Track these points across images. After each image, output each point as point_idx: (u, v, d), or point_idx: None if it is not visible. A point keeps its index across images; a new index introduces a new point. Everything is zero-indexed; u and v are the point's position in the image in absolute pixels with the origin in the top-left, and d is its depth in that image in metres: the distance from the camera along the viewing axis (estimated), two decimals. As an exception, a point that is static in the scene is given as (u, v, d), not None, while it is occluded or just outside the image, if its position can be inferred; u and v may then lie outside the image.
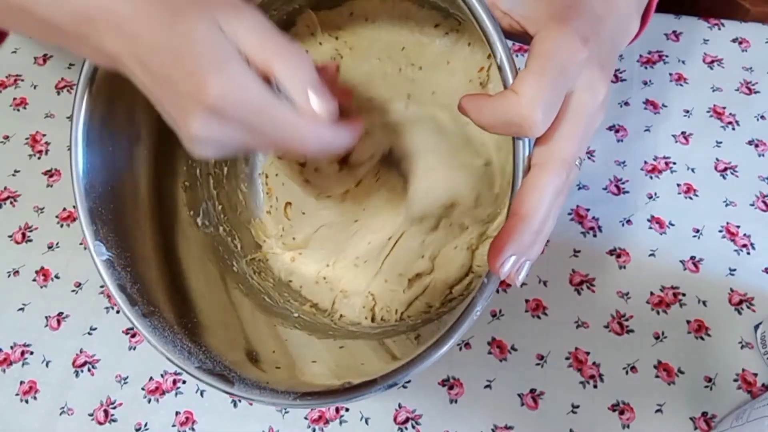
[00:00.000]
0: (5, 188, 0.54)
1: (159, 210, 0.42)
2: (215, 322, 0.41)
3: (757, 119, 0.55)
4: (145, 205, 0.41)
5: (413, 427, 0.44)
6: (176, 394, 0.46)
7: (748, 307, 0.47)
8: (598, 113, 0.30)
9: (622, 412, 0.44)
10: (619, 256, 0.50)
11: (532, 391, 0.45)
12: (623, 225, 0.51)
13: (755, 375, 0.45)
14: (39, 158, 0.56)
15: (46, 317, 0.49)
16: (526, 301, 0.48)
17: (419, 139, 0.43)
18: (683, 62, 0.58)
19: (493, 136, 0.42)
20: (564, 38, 0.28)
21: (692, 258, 0.49)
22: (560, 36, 0.28)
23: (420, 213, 0.44)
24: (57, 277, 0.50)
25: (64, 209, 0.53)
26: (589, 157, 0.54)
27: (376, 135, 0.44)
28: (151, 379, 0.46)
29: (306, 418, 0.44)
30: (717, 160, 0.53)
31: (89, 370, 0.47)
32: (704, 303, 0.47)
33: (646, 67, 0.58)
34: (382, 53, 0.46)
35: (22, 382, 0.46)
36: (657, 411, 0.44)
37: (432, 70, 0.44)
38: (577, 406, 0.44)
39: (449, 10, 0.42)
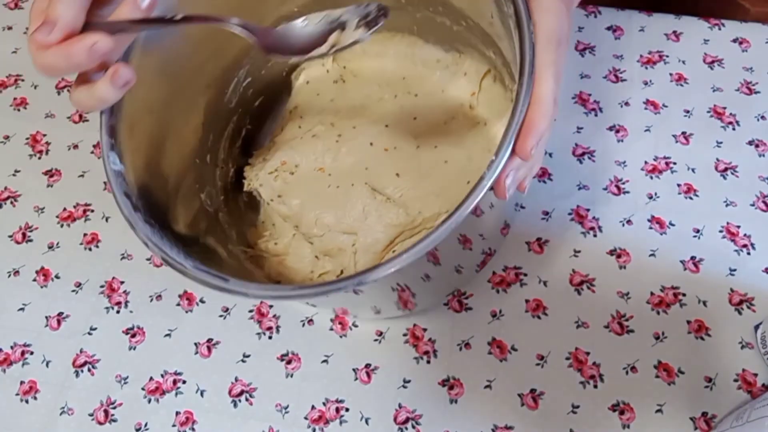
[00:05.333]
0: (5, 188, 0.54)
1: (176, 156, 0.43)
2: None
3: (758, 119, 0.55)
4: (163, 148, 0.42)
5: (413, 427, 0.44)
6: (176, 394, 0.46)
7: (748, 307, 0.47)
8: (562, 20, 0.35)
9: (622, 412, 0.44)
10: (619, 256, 0.50)
11: (532, 391, 0.45)
12: (623, 225, 0.51)
13: (755, 375, 0.45)
14: (39, 158, 0.56)
15: (46, 317, 0.49)
16: (526, 301, 0.48)
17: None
18: (683, 62, 0.58)
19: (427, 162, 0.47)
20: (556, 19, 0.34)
21: (692, 258, 0.49)
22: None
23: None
24: (57, 277, 0.50)
25: (64, 209, 0.53)
26: (589, 157, 0.54)
27: None
28: (151, 379, 0.46)
29: (306, 418, 0.44)
30: (717, 160, 0.53)
31: (89, 370, 0.47)
32: (704, 303, 0.47)
33: (646, 67, 0.58)
34: (382, 81, 0.50)
35: (22, 382, 0.46)
36: (657, 411, 0.44)
37: (426, 97, 0.49)
38: (577, 406, 0.44)
39: (452, 43, 0.48)
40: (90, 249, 0.51)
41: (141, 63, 0.38)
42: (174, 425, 0.44)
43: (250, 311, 0.49)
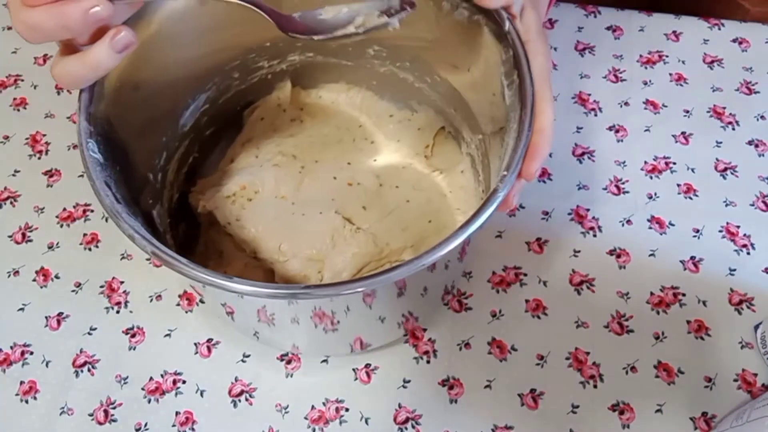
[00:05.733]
0: (5, 188, 0.54)
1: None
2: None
3: (757, 119, 0.55)
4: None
5: (413, 427, 0.44)
6: (176, 394, 0.45)
7: (748, 307, 0.47)
8: (549, 61, 0.39)
9: (622, 412, 0.44)
10: (619, 256, 0.50)
11: (532, 391, 0.45)
12: (623, 225, 0.51)
13: (755, 375, 0.45)
14: (39, 158, 0.56)
15: (46, 317, 0.49)
16: (526, 301, 0.48)
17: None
18: (683, 62, 0.58)
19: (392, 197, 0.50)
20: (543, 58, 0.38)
21: (692, 258, 0.49)
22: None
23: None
24: (57, 277, 0.50)
25: (64, 209, 0.53)
26: (588, 157, 0.54)
27: None
28: (151, 379, 0.46)
29: (306, 418, 0.44)
30: (717, 160, 0.53)
31: (89, 370, 0.47)
32: (704, 303, 0.47)
33: (646, 67, 0.58)
34: (341, 124, 0.52)
35: (22, 382, 0.46)
36: (657, 411, 0.44)
37: (383, 144, 0.52)
38: (577, 406, 0.44)
39: (407, 101, 0.51)
40: (90, 249, 0.51)
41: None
42: (174, 425, 0.44)
43: (250, 311, 0.49)
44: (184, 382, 0.46)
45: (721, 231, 0.50)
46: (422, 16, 0.42)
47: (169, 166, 0.47)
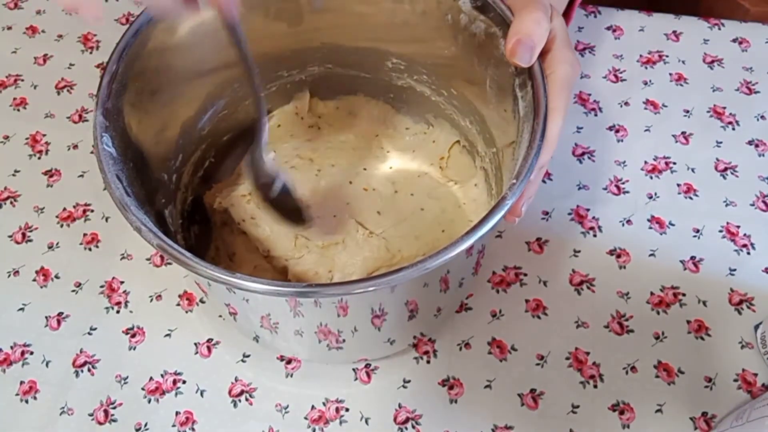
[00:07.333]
0: (5, 188, 0.54)
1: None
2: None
3: (757, 119, 0.55)
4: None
5: (413, 427, 0.44)
6: (176, 394, 0.46)
7: (748, 307, 0.47)
8: (575, 70, 0.38)
9: (622, 412, 0.44)
10: (619, 256, 0.50)
11: (532, 391, 0.45)
12: (623, 225, 0.51)
13: (755, 375, 0.45)
14: (39, 158, 0.56)
15: (46, 317, 0.49)
16: (526, 301, 0.48)
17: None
18: (683, 62, 0.58)
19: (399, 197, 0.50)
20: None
21: (692, 258, 0.49)
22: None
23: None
24: (57, 277, 0.50)
25: (64, 209, 0.53)
26: (589, 157, 0.54)
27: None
28: (151, 379, 0.46)
29: (306, 418, 0.44)
30: (717, 160, 0.53)
31: (89, 370, 0.47)
32: (704, 303, 0.47)
33: (646, 67, 0.58)
34: (358, 133, 0.53)
35: (22, 382, 0.46)
36: (657, 411, 0.44)
37: (399, 154, 0.52)
38: (577, 406, 0.44)
39: (423, 114, 0.52)
40: (90, 249, 0.51)
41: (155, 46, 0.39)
42: (174, 425, 0.44)
43: (250, 311, 0.49)
44: (184, 382, 0.46)
45: (721, 231, 0.50)
46: (441, 32, 0.43)
47: (185, 168, 0.47)
